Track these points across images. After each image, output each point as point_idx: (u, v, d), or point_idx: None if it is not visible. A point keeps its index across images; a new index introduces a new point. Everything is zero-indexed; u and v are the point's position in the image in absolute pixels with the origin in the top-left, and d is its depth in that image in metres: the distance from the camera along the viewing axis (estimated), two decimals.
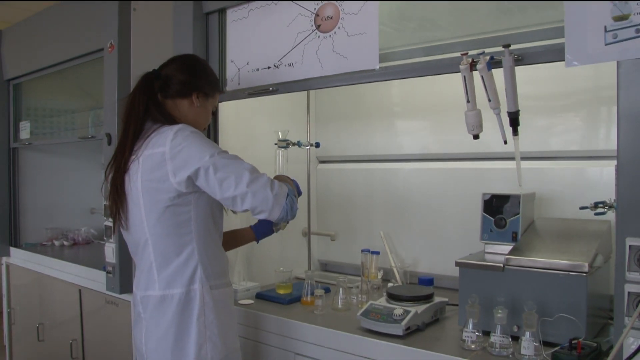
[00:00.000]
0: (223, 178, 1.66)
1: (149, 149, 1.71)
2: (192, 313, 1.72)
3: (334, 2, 2.03)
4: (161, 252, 1.73)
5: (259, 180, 1.68)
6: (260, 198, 1.67)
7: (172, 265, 1.73)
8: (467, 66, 1.71)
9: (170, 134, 1.69)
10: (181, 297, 1.72)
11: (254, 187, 1.67)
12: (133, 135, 1.77)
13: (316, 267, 3.02)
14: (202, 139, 1.72)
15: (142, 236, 1.75)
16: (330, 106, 2.97)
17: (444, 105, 2.51)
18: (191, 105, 1.88)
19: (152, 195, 1.70)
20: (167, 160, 1.67)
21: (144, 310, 1.78)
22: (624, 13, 1.39)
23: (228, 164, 1.68)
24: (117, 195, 1.77)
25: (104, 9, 2.77)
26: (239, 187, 1.66)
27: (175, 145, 1.67)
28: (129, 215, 1.77)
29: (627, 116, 1.40)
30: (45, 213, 3.97)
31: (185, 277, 1.73)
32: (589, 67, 1.52)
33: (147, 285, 1.76)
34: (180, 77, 1.86)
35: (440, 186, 2.54)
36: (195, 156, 1.66)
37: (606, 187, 1.86)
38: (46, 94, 3.90)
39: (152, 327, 1.76)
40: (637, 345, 1.37)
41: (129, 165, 1.75)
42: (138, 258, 1.82)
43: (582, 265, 1.66)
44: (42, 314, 3.51)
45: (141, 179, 1.71)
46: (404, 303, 1.93)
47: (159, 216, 1.71)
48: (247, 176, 1.67)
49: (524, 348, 1.61)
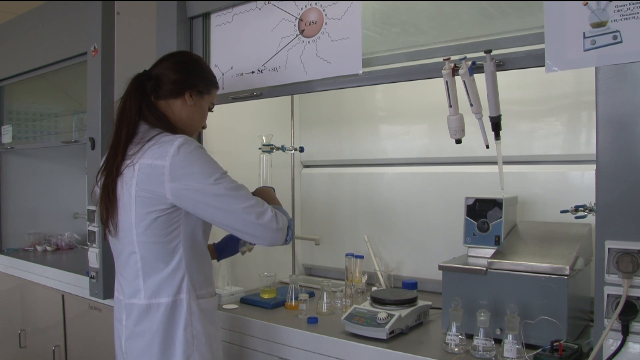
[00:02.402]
0: (224, 209, 1.63)
1: (147, 158, 1.63)
2: (178, 323, 1.68)
3: (318, 8, 2.04)
4: (148, 260, 1.68)
5: (264, 216, 1.65)
6: (263, 234, 1.66)
7: (159, 274, 1.68)
8: (450, 71, 1.72)
9: (171, 148, 1.61)
10: (167, 306, 1.67)
11: (261, 221, 1.64)
12: (126, 139, 1.70)
13: (300, 271, 3.02)
14: (204, 158, 1.65)
15: (130, 243, 1.69)
16: (314, 111, 2.98)
17: (427, 110, 2.53)
18: (184, 104, 1.81)
19: (144, 205, 1.64)
20: (166, 176, 1.60)
21: (128, 317, 1.73)
22: (602, 20, 1.41)
23: (230, 195, 1.63)
24: (109, 200, 1.70)
25: (87, 12, 2.75)
26: (242, 221, 1.64)
27: (176, 162, 1.60)
28: (118, 222, 1.71)
29: (605, 121, 1.42)
30: (27, 218, 3.92)
31: (172, 286, 1.68)
32: (569, 72, 1.54)
33: (132, 293, 1.71)
34: (171, 76, 1.80)
35: (424, 190, 2.55)
36: (196, 181, 1.61)
37: (587, 190, 1.88)
38: (29, 97, 3.86)
39: (135, 336, 1.71)
40: (616, 347, 1.39)
41: (122, 170, 1.67)
42: (122, 264, 1.76)
43: (563, 268, 1.68)
44: (24, 320, 3.46)
45: (135, 187, 1.64)
46: (387, 307, 1.94)
47: (149, 225, 1.65)
48: (252, 213, 1.64)
49: (506, 351, 1.62)
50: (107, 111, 2.67)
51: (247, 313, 2.21)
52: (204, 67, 1.92)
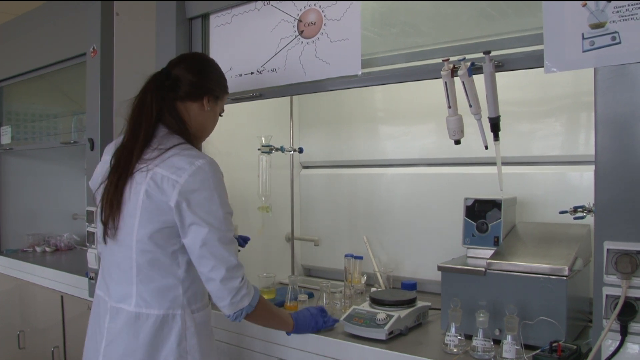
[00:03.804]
0: (209, 246, 1.58)
1: (163, 168, 1.59)
2: (169, 338, 1.62)
3: (317, 8, 2.05)
4: (144, 269, 1.62)
5: (232, 281, 1.61)
6: (218, 294, 1.61)
7: (153, 284, 1.63)
8: (449, 72, 1.72)
9: (189, 168, 1.58)
10: (157, 319, 1.61)
11: (224, 284, 1.60)
12: (144, 140, 1.65)
13: (300, 272, 3.02)
14: (219, 190, 1.62)
15: (128, 248, 1.63)
16: (313, 112, 2.98)
17: (426, 111, 2.53)
18: (201, 109, 1.78)
19: (150, 213, 1.59)
20: (175, 192, 1.57)
21: (112, 320, 1.66)
22: (601, 21, 1.42)
23: (222, 240, 1.60)
24: (116, 200, 1.63)
25: (87, 12, 2.76)
26: (212, 269, 1.59)
27: (189, 184, 1.57)
28: (120, 223, 1.64)
29: (604, 122, 1.43)
30: (26, 219, 3.92)
31: (166, 300, 1.63)
32: (569, 73, 1.55)
33: (121, 297, 1.65)
34: (191, 78, 1.75)
35: (423, 191, 2.55)
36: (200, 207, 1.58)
37: (586, 191, 1.88)
38: (28, 98, 3.87)
39: (118, 342, 1.64)
40: (615, 347, 1.39)
41: (134, 174, 1.62)
42: (114, 266, 1.69)
43: (562, 269, 1.68)
44: (23, 321, 3.47)
45: (144, 195, 1.59)
46: (387, 308, 1.94)
47: (152, 234, 1.60)
48: (223, 270, 1.59)
49: (505, 351, 1.62)
50: (106, 112, 2.67)
51: None
52: (220, 72, 1.88)
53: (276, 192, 2.62)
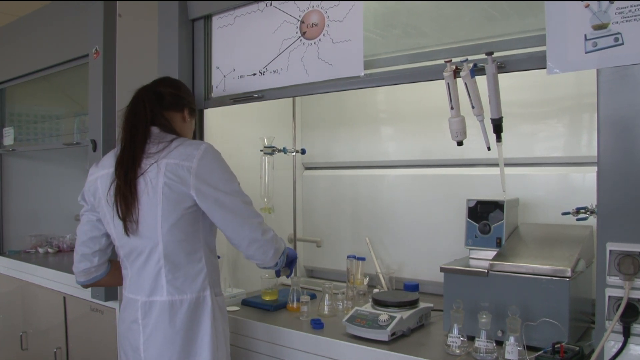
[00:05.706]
0: (239, 215, 1.75)
1: (172, 158, 1.71)
2: (203, 319, 1.75)
3: (319, 10, 2.05)
4: (171, 257, 1.73)
5: (268, 233, 1.80)
6: (264, 249, 1.79)
7: (182, 271, 1.74)
8: (451, 73, 1.72)
9: (197, 152, 1.72)
10: (191, 303, 1.74)
11: (265, 237, 1.79)
12: (142, 138, 1.77)
13: (302, 273, 3.03)
14: (226, 166, 1.79)
15: (152, 241, 1.72)
16: (315, 113, 2.98)
17: (429, 112, 2.53)
18: (183, 119, 1.94)
19: (171, 203, 1.70)
20: (192, 177, 1.69)
21: (145, 315, 1.75)
22: (603, 22, 1.41)
23: (245, 206, 1.77)
24: (129, 193, 1.71)
25: (89, 13, 2.76)
26: (250, 233, 1.76)
27: (203, 164, 1.71)
28: (140, 218, 1.73)
29: (607, 123, 1.43)
30: (29, 220, 3.93)
31: (196, 283, 1.76)
32: (571, 74, 1.55)
33: (152, 290, 1.74)
34: (172, 91, 1.91)
35: (426, 192, 2.55)
36: (221, 183, 1.74)
37: (589, 192, 1.87)
38: (30, 99, 3.87)
39: (156, 333, 1.73)
40: (617, 348, 1.39)
41: (145, 169, 1.71)
42: (140, 263, 1.76)
43: (565, 270, 1.68)
44: (25, 322, 3.47)
45: (162, 185, 1.69)
46: (389, 309, 1.94)
47: (175, 222, 1.71)
48: (259, 229, 1.78)
49: (508, 353, 1.62)
50: (108, 113, 2.67)
51: (249, 315, 2.21)
52: (190, 92, 2.08)
53: (278, 194, 2.62)
